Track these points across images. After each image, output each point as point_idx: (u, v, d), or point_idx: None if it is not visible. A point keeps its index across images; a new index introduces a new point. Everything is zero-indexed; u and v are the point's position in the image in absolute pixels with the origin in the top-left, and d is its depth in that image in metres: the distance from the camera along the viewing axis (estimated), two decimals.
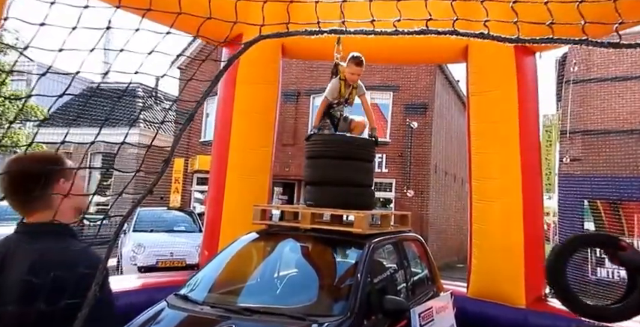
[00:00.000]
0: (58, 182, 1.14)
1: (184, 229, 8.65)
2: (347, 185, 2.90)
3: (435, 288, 3.24)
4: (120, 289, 3.71)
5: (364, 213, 2.59)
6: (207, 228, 4.80)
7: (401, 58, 6.83)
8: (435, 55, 5.68)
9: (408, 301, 2.49)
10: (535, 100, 4.67)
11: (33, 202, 1.12)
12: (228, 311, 2.21)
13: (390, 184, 12.09)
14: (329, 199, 2.86)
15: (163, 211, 9.93)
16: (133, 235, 8.15)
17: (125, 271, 7.42)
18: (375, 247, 2.56)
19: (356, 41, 4.44)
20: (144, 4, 1.10)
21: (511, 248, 4.11)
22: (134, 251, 7.56)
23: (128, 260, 7.54)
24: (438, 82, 12.52)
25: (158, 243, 7.70)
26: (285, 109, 12.37)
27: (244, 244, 2.86)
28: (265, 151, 4.77)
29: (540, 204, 4.64)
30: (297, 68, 12.45)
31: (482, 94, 4.49)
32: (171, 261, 7.46)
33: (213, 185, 4.85)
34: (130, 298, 3.47)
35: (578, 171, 9.17)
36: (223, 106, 4.88)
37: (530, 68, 4.66)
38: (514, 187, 4.18)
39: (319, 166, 2.98)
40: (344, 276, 2.55)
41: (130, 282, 4.16)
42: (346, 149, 2.96)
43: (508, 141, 4.29)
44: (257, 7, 1.32)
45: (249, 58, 4.75)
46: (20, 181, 1.11)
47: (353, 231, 2.54)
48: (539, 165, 4.72)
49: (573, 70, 9.21)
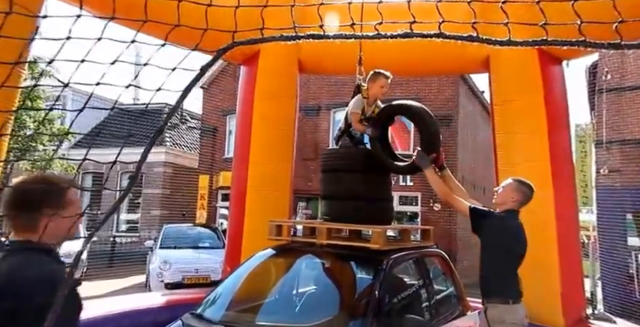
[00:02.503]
0: (47, 214, 1.18)
1: (209, 245, 8.71)
2: (363, 199, 2.81)
3: (461, 307, 3.06)
4: (145, 307, 3.73)
5: (381, 228, 2.49)
6: (229, 244, 4.80)
7: (421, 70, 6.77)
8: (455, 66, 5.60)
9: (431, 321, 2.36)
10: (565, 109, 4.49)
11: (20, 222, 1.19)
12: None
13: (416, 198, 11.83)
14: (345, 213, 2.78)
15: (188, 227, 10.06)
16: (159, 251, 8.27)
17: (153, 288, 7.51)
18: (394, 264, 2.45)
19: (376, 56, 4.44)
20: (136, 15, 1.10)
21: (545, 265, 3.86)
22: (161, 268, 7.65)
23: (155, 277, 7.63)
24: (462, 92, 12.32)
25: (183, 260, 7.78)
26: (305, 124, 12.42)
27: (260, 261, 2.82)
28: (285, 165, 4.77)
29: (575, 217, 4.39)
30: (317, 83, 12.56)
31: (507, 104, 4.35)
32: (197, 277, 7.50)
33: (234, 201, 4.87)
34: (155, 316, 3.48)
35: (618, 183, 8.67)
36: (242, 122, 4.93)
37: (557, 77, 4.50)
38: (546, 201, 3.96)
39: (334, 180, 2.92)
40: (361, 294, 2.45)
41: (155, 299, 4.17)
42: (361, 162, 2.90)
43: (537, 152, 4.12)
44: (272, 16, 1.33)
45: (267, 74, 4.84)
46: (15, 200, 1.19)
47: (370, 246, 2.45)
48: (572, 176, 4.48)
49: (606, 78, 8.85)
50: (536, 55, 4.21)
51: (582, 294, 4.38)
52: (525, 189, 2.65)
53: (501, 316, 2.43)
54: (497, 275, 2.53)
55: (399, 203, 12.11)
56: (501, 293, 2.49)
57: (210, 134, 15.04)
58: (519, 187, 2.65)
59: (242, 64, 5.10)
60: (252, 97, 4.76)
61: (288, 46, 4.87)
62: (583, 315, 4.01)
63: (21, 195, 1.18)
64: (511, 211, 2.63)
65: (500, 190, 2.71)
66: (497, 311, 2.45)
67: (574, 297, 3.93)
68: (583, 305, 4.24)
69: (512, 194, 2.63)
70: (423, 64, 5.19)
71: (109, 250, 12.70)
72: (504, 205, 2.65)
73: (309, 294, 2.68)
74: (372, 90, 3.09)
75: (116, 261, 11.50)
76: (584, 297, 4.49)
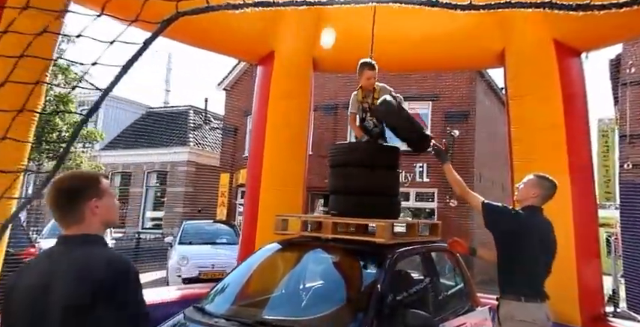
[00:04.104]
0: (91, 200, 1.28)
1: (226, 241, 8.88)
2: (369, 194, 2.82)
3: (471, 302, 3.03)
4: (160, 301, 3.85)
5: (386, 222, 2.49)
6: (243, 240, 4.89)
7: (437, 66, 6.70)
8: (470, 61, 5.52)
9: (437, 316, 2.35)
10: (583, 103, 4.36)
11: (67, 217, 1.28)
12: (242, 325, 2.19)
13: (432, 194, 11.72)
14: (352, 208, 2.79)
15: (207, 223, 10.29)
16: (178, 247, 8.49)
17: (171, 283, 7.72)
18: (399, 258, 2.45)
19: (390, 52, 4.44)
20: None
21: (561, 260, 3.75)
22: (179, 263, 7.85)
23: (174, 272, 7.84)
24: (479, 88, 12.10)
25: (201, 255, 7.96)
26: (323, 122, 12.47)
27: (265, 256, 2.84)
28: (298, 163, 4.82)
29: (594, 212, 4.26)
30: (334, 82, 12.60)
31: (522, 97, 4.27)
32: (213, 272, 7.65)
33: (248, 198, 4.96)
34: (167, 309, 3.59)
35: None
36: (257, 121, 5.02)
37: (575, 69, 4.37)
38: (563, 195, 3.86)
39: (341, 175, 2.94)
40: (364, 288, 2.45)
41: (170, 293, 4.30)
42: (368, 156, 2.90)
43: (553, 146, 4.03)
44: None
45: (282, 73, 4.91)
46: (57, 198, 1.29)
47: (375, 240, 2.46)
48: (590, 170, 4.36)
49: (630, 71, 8.50)
50: (553, 48, 4.12)
51: (601, 291, 4.26)
52: (546, 184, 2.60)
53: (511, 312, 2.40)
54: (509, 272, 2.49)
55: (415, 199, 12.01)
56: (513, 290, 2.45)
57: (231, 134, 15.37)
58: (540, 182, 2.61)
59: (258, 64, 5.20)
60: (267, 96, 4.84)
61: (303, 44, 4.92)
62: (602, 312, 3.91)
63: (63, 191, 1.27)
64: (532, 208, 2.57)
65: (521, 187, 2.67)
66: (509, 307, 2.42)
67: (592, 294, 3.82)
68: (602, 302, 4.12)
69: (533, 190, 2.58)
70: (437, 60, 5.14)
71: (134, 246, 13.13)
72: (525, 202, 2.61)
73: (310, 288, 2.69)
74: (361, 82, 3.14)
75: (140, 257, 11.88)
76: (602, 294, 4.37)
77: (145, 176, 16.69)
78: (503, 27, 4.42)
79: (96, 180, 1.33)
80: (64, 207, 1.27)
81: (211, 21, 4.45)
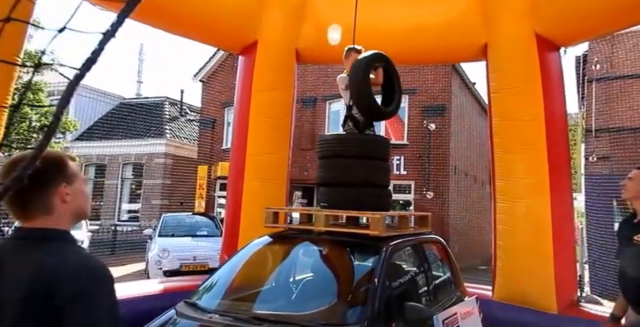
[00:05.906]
0: (59, 186, 1.05)
1: (207, 233, 8.78)
2: (361, 186, 2.80)
3: (459, 292, 3.09)
4: (142, 294, 3.75)
5: (380, 214, 2.49)
6: (226, 232, 4.83)
7: (420, 59, 6.71)
8: (454, 55, 5.57)
9: (431, 307, 2.37)
10: (562, 97, 4.49)
11: (30, 207, 1.03)
12: (237, 320, 2.15)
13: (409, 186, 11.95)
14: (343, 200, 2.77)
15: (187, 216, 10.12)
16: (158, 240, 8.32)
17: (152, 275, 7.58)
18: (393, 250, 2.45)
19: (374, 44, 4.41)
20: None
21: (539, 250, 3.92)
22: (159, 256, 7.70)
23: (154, 265, 7.69)
24: (455, 83, 12.34)
25: (182, 247, 7.83)
26: (303, 115, 12.42)
27: (256, 249, 2.80)
28: (282, 155, 4.76)
29: (570, 204, 4.43)
30: (313, 75, 12.53)
31: (504, 91, 4.34)
32: (194, 265, 7.56)
33: (231, 190, 4.88)
34: (151, 303, 3.49)
35: (606, 170, 8.75)
36: (240, 113, 4.92)
37: (554, 64, 4.48)
38: (541, 187, 4.00)
39: (331, 166, 2.90)
40: (360, 281, 2.43)
41: (152, 286, 4.21)
42: (358, 147, 2.88)
43: (534, 139, 4.13)
44: None
45: (264, 64, 4.81)
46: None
47: (369, 233, 2.46)
48: (567, 163, 4.51)
49: (596, 68, 8.84)
50: (534, 41, 4.20)
51: (575, 279, 4.46)
52: None
53: None
54: None
55: (393, 191, 12.26)
56: None
57: (209, 126, 15.12)
58: None
59: (240, 54, 5.07)
60: (249, 88, 4.73)
61: (286, 35, 4.83)
62: (574, 299, 4.09)
63: (24, 172, 0.95)
64: None
65: (629, 183, 2.36)
66: None
67: (567, 282, 3.99)
68: (575, 289, 4.31)
69: None
70: (421, 52, 5.15)
71: (111, 238, 12.82)
72: (638, 199, 2.34)
73: (306, 282, 2.67)
74: (347, 66, 3.15)
75: (117, 249, 11.60)
76: (576, 281, 4.57)
77: (121, 168, 16.21)
78: (487, 20, 4.47)
79: (62, 162, 1.08)
80: (27, 195, 0.99)
81: (193, 5, 4.30)
